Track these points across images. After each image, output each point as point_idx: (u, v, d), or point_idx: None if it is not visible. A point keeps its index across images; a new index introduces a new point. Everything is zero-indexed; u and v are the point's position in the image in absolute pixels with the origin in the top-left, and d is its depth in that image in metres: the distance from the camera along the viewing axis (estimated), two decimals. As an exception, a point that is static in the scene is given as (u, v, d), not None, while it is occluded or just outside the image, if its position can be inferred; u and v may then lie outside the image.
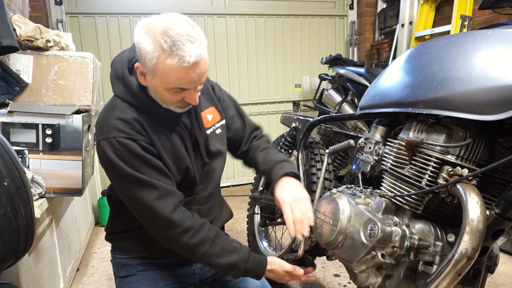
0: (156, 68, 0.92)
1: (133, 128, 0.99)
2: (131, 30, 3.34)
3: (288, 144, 1.91)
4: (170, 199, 1.01)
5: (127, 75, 1.02)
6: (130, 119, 0.99)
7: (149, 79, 0.98)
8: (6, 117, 1.54)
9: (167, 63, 0.90)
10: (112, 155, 0.97)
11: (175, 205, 1.01)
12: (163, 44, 0.89)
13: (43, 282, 1.54)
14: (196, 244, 1.02)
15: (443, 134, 0.90)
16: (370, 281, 0.94)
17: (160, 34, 0.90)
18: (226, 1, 3.59)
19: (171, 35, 0.89)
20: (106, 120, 0.99)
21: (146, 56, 0.92)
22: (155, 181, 0.99)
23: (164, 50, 0.89)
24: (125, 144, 0.96)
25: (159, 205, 0.99)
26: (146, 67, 0.94)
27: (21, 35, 1.55)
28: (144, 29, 0.93)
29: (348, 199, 1.03)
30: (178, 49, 0.89)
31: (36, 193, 1.53)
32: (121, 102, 1.02)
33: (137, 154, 0.98)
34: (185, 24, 0.93)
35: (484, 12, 2.77)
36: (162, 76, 0.93)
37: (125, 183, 1.00)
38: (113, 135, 0.97)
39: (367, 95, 1.17)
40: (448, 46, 0.89)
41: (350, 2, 4.02)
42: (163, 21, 0.92)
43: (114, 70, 1.06)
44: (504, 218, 0.79)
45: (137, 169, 0.98)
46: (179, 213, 1.01)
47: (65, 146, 1.62)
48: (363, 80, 2.87)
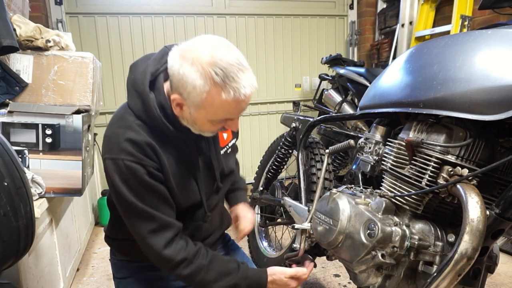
0: (205, 102, 0.86)
1: (143, 152, 0.92)
2: (131, 30, 3.34)
3: (288, 144, 1.91)
4: (166, 233, 0.97)
5: (147, 93, 0.93)
6: (142, 142, 0.92)
7: (189, 111, 0.91)
8: (6, 117, 1.54)
9: (221, 98, 0.84)
10: (116, 178, 0.92)
11: (170, 239, 0.98)
12: (215, 78, 0.82)
13: (43, 282, 1.54)
14: (190, 274, 1.00)
15: (443, 134, 0.90)
16: (370, 281, 0.94)
17: (209, 65, 0.82)
18: (226, 1, 3.59)
19: (223, 66, 0.82)
20: (117, 139, 0.93)
21: (194, 91, 0.84)
22: (155, 212, 0.95)
23: (217, 83, 0.83)
24: (132, 168, 0.91)
25: (152, 239, 0.96)
26: (189, 100, 0.87)
27: (21, 35, 1.55)
28: (187, 60, 0.84)
29: (348, 199, 1.03)
30: (232, 81, 0.83)
31: (36, 193, 1.53)
32: (134, 119, 0.95)
33: (143, 180, 0.93)
34: (230, 50, 0.86)
35: (484, 12, 2.77)
36: (211, 109, 0.87)
37: (124, 209, 0.97)
38: (121, 157, 0.91)
39: (367, 95, 1.17)
40: (448, 46, 0.89)
41: (350, 2, 4.02)
42: (207, 49, 0.84)
43: (134, 80, 0.96)
44: (504, 218, 0.79)
45: (140, 195, 0.94)
46: (170, 248, 0.97)
47: (65, 146, 1.62)
48: (363, 80, 2.87)
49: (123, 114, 0.98)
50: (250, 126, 3.84)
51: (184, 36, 3.49)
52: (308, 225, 1.25)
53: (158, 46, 3.40)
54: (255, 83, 0.89)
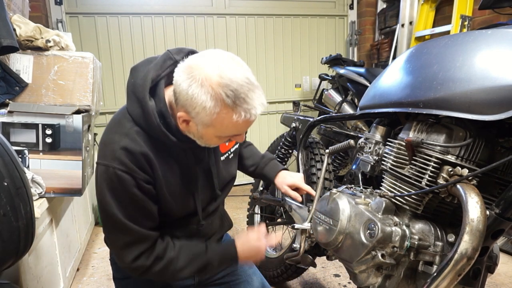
0: (214, 122, 0.85)
1: (137, 163, 0.91)
2: (131, 30, 3.34)
3: (288, 144, 1.91)
4: (140, 245, 0.97)
5: (147, 100, 0.91)
6: (137, 152, 0.91)
7: (196, 128, 0.90)
8: (6, 117, 1.54)
9: (231, 119, 0.84)
10: (104, 185, 0.92)
11: (142, 251, 0.97)
12: (225, 100, 0.81)
13: (43, 282, 1.54)
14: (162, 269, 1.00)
15: (443, 134, 0.90)
16: (370, 281, 0.94)
17: (220, 86, 0.81)
18: (226, 1, 3.59)
19: (234, 88, 0.81)
20: (112, 146, 0.91)
21: (203, 111, 0.83)
22: (133, 226, 0.94)
23: (227, 105, 0.82)
24: (122, 178, 0.90)
25: (124, 251, 0.97)
26: (197, 119, 0.86)
27: (21, 35, 1.55)
28: (195, 80, 0.82)
29: (348, 199, 1.03)
30: (243, 102, 0.83)
31: (36, 193, 1.53)
32: (133, 126, 0.94)
33: (129, 192, 0.92)
34: (239, 68, 0.85)
35: (484, 12, 2.77)
36: (220, 128, 0.87)
37: (104, 218, 0.97)
38: (113, 165, 0.90)
39: (367, 95, 1.17)
40: (448, 46, 0.89)
41: (350, 2, 4.02)
42: (216, 68, 0.83)
43: (134, 84, 0.94)
44: (504, 218, 0.79)
45: (122, 207, 0.93)
46: (140, 259, 0.97)
47: (65, 146, 1.62)
48: (363, 80, 2.87)
49: (121, 119, 0.96)
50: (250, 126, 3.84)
51: (184, 36, 3.49)
52: (308, 225, 1.25)
53: (158, 46, 3.41)
54: (265, 102, 0.88)
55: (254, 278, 1.25)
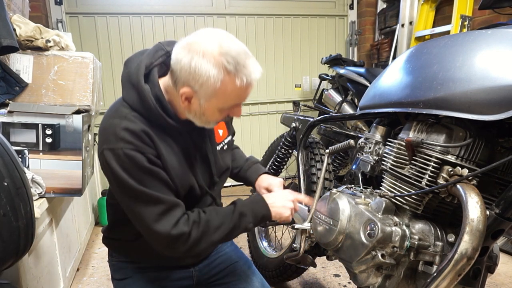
0: (218, 91, 0.89)
1: (141, 140, 0.93)
2: (131, 30, 3.35)
3: (288, 144, 1.91)
4: (175, 211, 0.97)
5: (142, 84, 0.95)
6: (139, 130, 0.93)
7: (198, 103, 0.93)
8: (6, 117, 1.54)
9: (235, 84, 0.89)
10: (116, 167, 0.92)
11: (178, 217, 0.97)
12: (227, 66, 0.87)
13: (43, 282, 1.54)
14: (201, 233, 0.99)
15: (443, 134, 0.90)
16: (370, 281, 0.94)
17: (220, 55, 0.87)
18: (226, 1, 3.59)
19: (233, 56, 0.87)
20: (113, 129, 0.93)
21: (208, 81, 0.87)
22: (161, 195, 0.95)
23: (229, 71, 0.87)
24: (131, 156, 0.91)
25: (160, 224, 0.95)
26: (201, 91, 0.90)
27: (21, 35, 1.55)
28: (197, 53, 0.87)
29: (348, 199, 1.03)
30: (243, 68, 0.88)
31: (36, 193, 1.53)
32: (130, 111, 0.96)
33: (144, 167, 0.93)
34: (234, 40, 0.92)
35: (484, 12, 2.77)
36: (223, 97, 0.91)
37: (128, 197, 0.96)
38: (120, 146, 0.91)
39: (367, 95, 1.17)
40: (448, 46, 0.89)
41: (350, 2, 4.02)
42: (213, 41, 0.89)
43: (128, 73, 0.98)
44: (504, 218, 0.79)
45: (143, 182, 0.93)
46: (179, 226, 0.97)
47: (65, 146, 1.62)
48: (363, 80, 2.87)
49: (118, 107, 0.98)
50: (250, 126, 3.84)
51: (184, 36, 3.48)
52: (308, 225, 1.25)
53: (158, 46, 3.41)
54: (261, 68, 0.94)
55: (254, 278, 1.25)
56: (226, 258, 1.28)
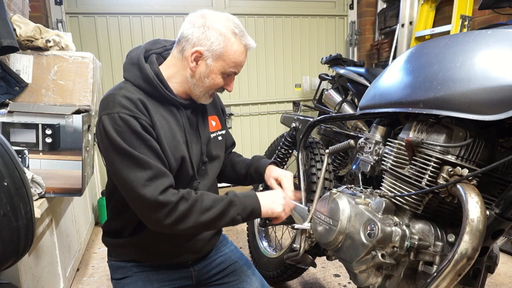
0: (225, 49, 1.04)
1: (137, 107, 1.00)
2: (131, 30, 3.35)
3: (288, 144, 1.91)
4: (163, 180, 0.99)
5: (142, 61, 1.07)
6: (135, 99, 1.01)
7: (206, 64, 1.05)
8: (6, 117, 1.54)
9: (240, 44, 1.06)
10: (111, 130, 0.97)
11: (166, 186, 0.99)
12: (235, 29, 1.05)
13: (43, 282, 1.54)
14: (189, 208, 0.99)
15: (443, 134, 0.90)
16: (370, 281, 0.94)
17: (229, 21, 1.06)
18: (226, 1, 3.59)
19: (237, 24, 1.06)
20: (112, 97, 1.01)
21: (218, 39, 1.03)
22: (150, 161, 0.98)
23: (236, 34, 1.05)
24: (126, 120, 0.97)
25: (147, 189, 0.96)
26: (211, 50, 1.03)
27: (21, 35, 1.55)
28: (207, 19, 1.04)
29: (348, 199, 1.03)
30: (244, 35, 1.07)
31: (36, 193, 1.53)
32: (131, 85, 1.06)
33: (137, 132, 0.98)
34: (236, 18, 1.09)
35: (484, 12, 2.77)
36: (228, 57, 1.05)
37: (119, 160, 0.97)
38: (116, 110, 0.98)
39: (367, 95, 1.17)
40: (448, 46, 0.89)
41: (350, 2, 4.02)
42: (220, 14, 1.07)
43: (130, 58, 1.10)
44: (504, 218, 0.79)
45: (134, 147, 0.97)
46: (167, 193, 0.98)
47: (65, 146, 1.62)
48: (363, 80, 2.87)
49: (119, 84, 1.08)
50: (250, 126, 3.84)
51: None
52: (308, 225, 1.25)
53: (158, 46, 3.41)
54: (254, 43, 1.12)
55: (254, 278, 1.25)
56: (226, 258, 1.28)
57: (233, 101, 3.73)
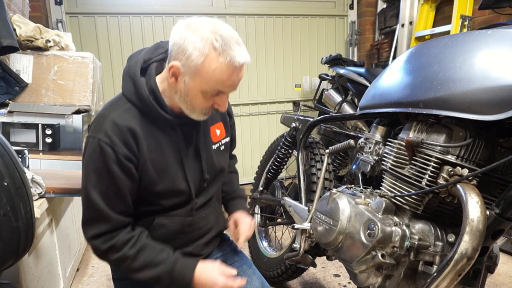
0: (202, 66, 0.90)
1: (121, 137, 0.94)
2: (131, 30, 3.34)
3: (288, 144, 1.91)
4: (101, 225, 0.98)
5: (138, 76, 0.99)
6: (123, 126, 0.95)
7: (184, 80, 0.94)
8: (6, 117, 1.54)
9: (218, 61, 0.89)
10: (86, 154, 0.97)
11: (103, 232, 0.98)
12: (214, 43, 0.88)
13: (43, 282, 1.54)
14: (117, 260, 1.00)
15: (443, 134, 0.90)
16: (370, 281, 0.94)
17: (211, 33, 0.89)
18: (226, 1, 3.59)
19: (222, 35, 0.89)
20: (102, 119, 0.97)
21: (193, 53, 0.89)
22: (99, 203, 0.96)
23: (216, 48, 0.88)
24: (103, 150, 0.93)
25: (86, 226, 1.00)
26: (187, 66, 0.91)
27: (21, 35, 1.55)
28: (189, 28, 0.91)
29: (348, 199, 1.03)
30: (229, 48, 0.89)
31: (36, 193, 1.53)
32: (125, 102, 1.01)
33: (107, 166, 0.94)
34: (229, 27, 0.93)
35: (484, 12, 2.77)
36: (206, 75, 0.91)
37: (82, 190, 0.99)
38: (98, 136, 0.94)
39: (367, 95, 1.17)
40: (448, 46, 0.89)
41: (350, 2, 4.02)
42: (208, 22, 0.92)
43: (129, 67, 1.03)
44: (504, 218, 0.79)
45: (96, 179, 0.96)
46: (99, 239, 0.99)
47: (65, 146, 1.62)
48: (363, 80, 2.87)
49: (115, 98, 1.04)
50: (250, 126, 3.84)
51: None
52: (308, 225, 1.25)
53: (158, 46, 3.41)
54: (249, 58, 0.93)
55: (254, 278, 1.25)
56: (227, 258, 1.28)
57: (233, 101, 3.73)
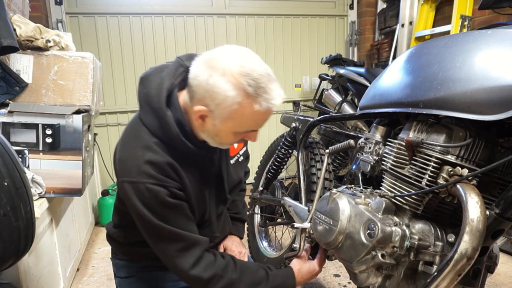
0: (234, 113, 0.84)
1: (164, 173, 0.89)
2: (131, 30, 3.34)
3: (288, 144, 1.91)
4: (194, 250, 0.95)
5: (164, 111, 0.89)
6: (163, 163, 0.89)
7: (212, 123, 0.88)
8: (6, 117, 1.55)
9: (253, 108, 0.83)
10: (137, 202, 0.89)
11: (198, 256, 0.95)
12: (247, 89, 0.81)
13: (43, 282, 1.54)
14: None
15: (443, 134, 0.89)
16: (370, 281, 0.94)
17: (241, 75, 0.81)
18: (226, 1, 3.59)
19: (254, 77, 0.82)
20: (136, 161, 0.89)
21: (224, 102, 0.82)
22: (182, 232, 0.93)
23: (249, 95, 0.82)
24: (154, 191, 0.88)
25: (179, 259, 0.94)
26: (217, 112, 0.85)
27: (21, 35, 1.55)
28: (216, 70, 0.82)
29: (348, 199, 1.03)
30: (264, 92, 0.83)
31: (36, 193, 1.53)
32: (151, 138, 0.92)
33: (166, 202, 0.90)
34: (257, 60, 0.86)
35: (484, 12, 2.77)
36: (239, 120, 0.86)
37: (149, 232, 0.95)
38: (142, 180, 0.87)
39: (367, 95, 1.17)
40: (448, 46, 0.89)
41: (350, 2, 4.02)
42: (235, 59, 0.83)
43: (148, 94, 0.92)
44: (504, 218, 0.79)
45: (164, 218, 0.91)
46: (198, 267, 0.94)
47: (65, 146, 1.62)
48: (363, 80, 2.87)
49: (137, 132, 0.94)
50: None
51: (184, 36, 3.49)
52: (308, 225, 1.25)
53: (158, 46, 3.41)
54: (283, 94, 0.88)
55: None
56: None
57: (233, 101, 3.73)
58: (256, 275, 1.04)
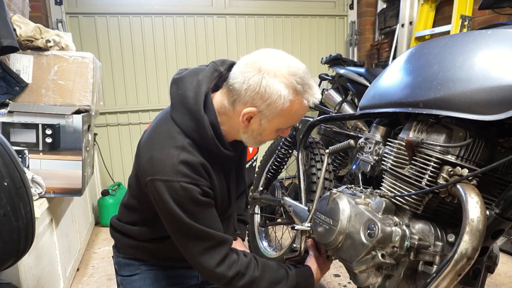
0: (285, 110, 0.91)
1: (198, 173, 0.94)
2: (131, 30, 3.34)
3: (288, 144, 1.91)
4: (221, 249, 0.98)
5: (202, 114, 0.94)
6: (197, 163, 0.94)
7: (259, 123, 0.95)
8: (6, 117, 1.55)
9: (301, 104, 0.92)
10: (169, 200, 0.92)
11: (224, 255, 0.98)
12: (297, 87, 0.90)
13: (43, 282, 1.54)
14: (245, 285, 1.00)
15: (443, 134, 0.89)
16: (370, 281, 0.94)
17: (290, 75, 0.89)
18: (226, 1, 3.59)
19: (300, 76, 0.90)
20: (170, 161, 0.92)
21: (277, 101, 0.89)
22: (210, 231, 0.96)
23: (298, 92, 0.90)
24: (188, 189, 0.92)
25: (204, 258, 0.97)
26: (268, 111, 0.92)
27: (21, 35, 1.55)
28: (268, 72, 0.88)
29: (348, 199, 1.03)
30: (309, 88, 0.92)
31: (36, 193, 1.53)
32: (184, 138, 0.95)
33: (198, 200, 0.94)
34: (296, 59, 0.94)
35: (484, 12, 2.77)
36: (288, 116, 0.93)
37: (178, 230, 0.97)
38: (177, 179, 0.91)
39: (367, 95, 1.17)
40: (448, 46, 0.89)
41: (350, 2, 4.02)
42: (280, 61, 0.90)
43: (184, 96, 0.96)
44: (504, 218, 0.79)
45: (195, 216, 0.94)
46: (223, 265, 0.98)
47: (65, 146, 1.62)
48: (363, 80, 2.87)
49: (170, 132, 0.97)
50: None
51: (184, 36, 3.49)
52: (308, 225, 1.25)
53: (158, 46, 3.41)
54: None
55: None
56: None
57: (233, 101, 3.73)
58: (277, 273, 1.06)
